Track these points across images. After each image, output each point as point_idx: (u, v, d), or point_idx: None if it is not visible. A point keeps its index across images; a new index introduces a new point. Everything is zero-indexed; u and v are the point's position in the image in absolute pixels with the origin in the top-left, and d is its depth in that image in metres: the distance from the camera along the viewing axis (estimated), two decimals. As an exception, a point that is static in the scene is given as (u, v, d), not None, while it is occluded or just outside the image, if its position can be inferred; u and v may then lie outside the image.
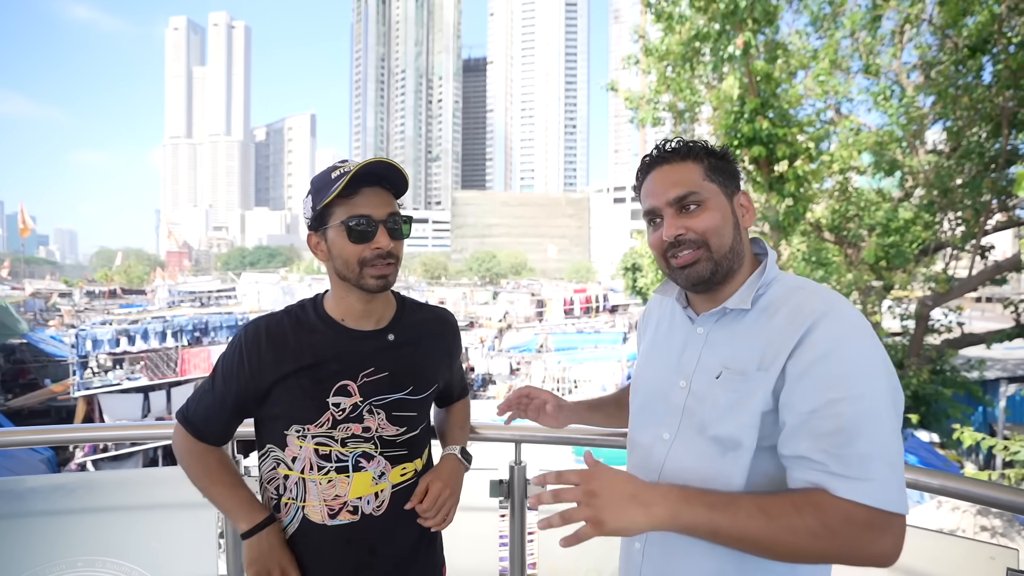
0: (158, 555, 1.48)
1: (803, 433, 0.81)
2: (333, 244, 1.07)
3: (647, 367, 1.07)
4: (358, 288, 1.08)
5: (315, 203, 1.06)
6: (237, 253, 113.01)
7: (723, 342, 0.94)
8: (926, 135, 8.95)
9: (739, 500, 0.80)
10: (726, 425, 0.88)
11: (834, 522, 0.75)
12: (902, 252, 8.63)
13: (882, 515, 0.76)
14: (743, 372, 0.88)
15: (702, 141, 0.99)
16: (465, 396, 1.37)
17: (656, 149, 0.99)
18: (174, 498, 1.50)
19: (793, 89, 8.07)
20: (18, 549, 1.41)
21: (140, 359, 16.33)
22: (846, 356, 0.81)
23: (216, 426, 1.13)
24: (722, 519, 0.78)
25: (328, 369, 1.08)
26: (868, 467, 0.76)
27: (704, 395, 0.92)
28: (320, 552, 1.10)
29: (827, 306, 0.85)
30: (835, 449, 0.77)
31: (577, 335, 23.83)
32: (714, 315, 0.96)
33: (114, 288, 42.79)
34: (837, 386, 0.79)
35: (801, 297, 0.89)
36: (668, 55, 8.80)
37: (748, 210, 0.98)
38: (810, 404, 0.80)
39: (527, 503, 0.85)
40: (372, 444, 1.11)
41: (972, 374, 10.70)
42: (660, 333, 1.07)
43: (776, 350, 0.86)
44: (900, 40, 8.51)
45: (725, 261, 0.93)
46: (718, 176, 0.95)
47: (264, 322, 1.11)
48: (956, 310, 10.23)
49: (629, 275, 33.84)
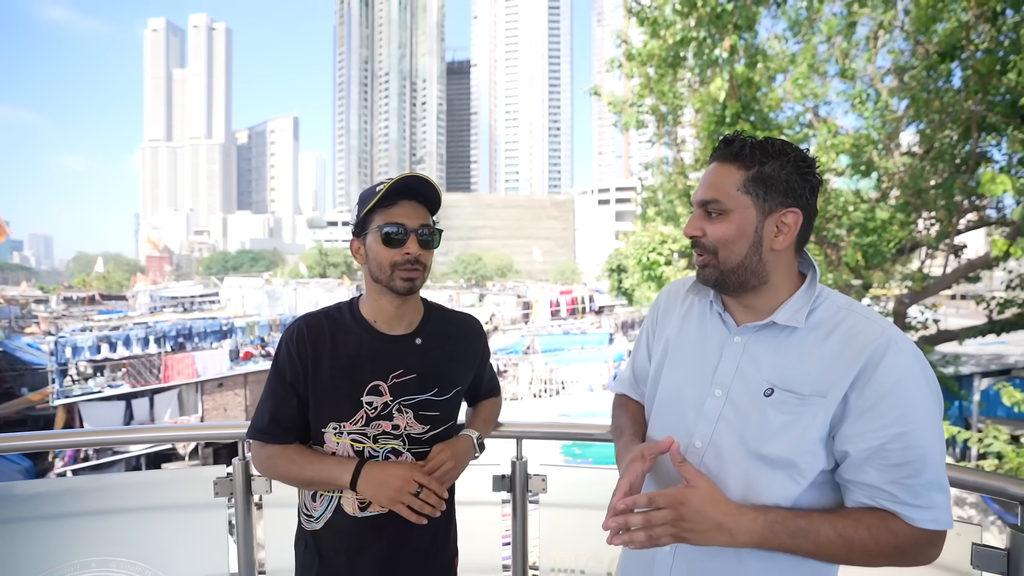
0: (169, 554, 1.51)
1: (871, 464, 0.85)
2: (370, 248, 1.18)
3: (674, 370, 1.03)
4: (389, 290, 1.18)
5: (359, 212, 1.18)
6: (219, 257, 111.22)
7: (766, 356, 0.92)
8: (900, 137, 9.22)
9: (819, 527, 0.84)
10: (779, 446, 0.88)
11: (905, 545, 0.85)
12: (880, 252, 8.87)
13: (939, 534, 0.87)
14: (799, 394, 0.88)
15: (772, 143, 0.92)
16: (493, 396, 1.44)
17: (722, 140, 0.96)
18: (184, 499, 1.53)
19: (773, 93, 8.27)
20: (31, 551, 1.43)
21: (122, 366, 16.02)
22: (910, 392, 0.84)
23: (288, 423, 1.19)
24: (804, 545, 0.84)
25: (362, 369, 1.17)
26: (931, 496, 0.84)
27: (749, 411, 0.91)
28: (351, 541, 1.18)
29: (885, 337, 0.86)
30: (904, 480, 0.84)
31: (563, 336, 23.96)
32: (755, 327, 0.94)
33: (93, 294, 41.86)
34: (903, 421, 0.84)
35: (855, 321, 0.89)
36: (651, 59, 8.95)
37: (788, 230, 0.91)
38: (878, 438, 0.84)
39: (603, 525, 0.86)
40: (400, 441, 1.19)
41: (947, 369, 11.03)
42: (688, 334, 1.03)
43: (834, 377, 0.86)
44: (874, 45, 8.76)
45: (732, 274, 0.92)
46: (759, 188, 0.90)
47: (304, 321, 1.21)
48: (932, 307, 10.53)
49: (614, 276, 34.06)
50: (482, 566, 1.58)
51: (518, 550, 1.57)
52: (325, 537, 1.19)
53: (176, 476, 1.57)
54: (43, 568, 1.43)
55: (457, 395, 1.27)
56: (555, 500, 1.59)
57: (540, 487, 1.58)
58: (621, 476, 0.93)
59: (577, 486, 1.61)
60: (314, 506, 1.20)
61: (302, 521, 1.23)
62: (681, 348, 1.02)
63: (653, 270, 12.74)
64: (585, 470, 1.59)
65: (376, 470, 1.13)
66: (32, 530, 1.44)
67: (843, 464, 0.87)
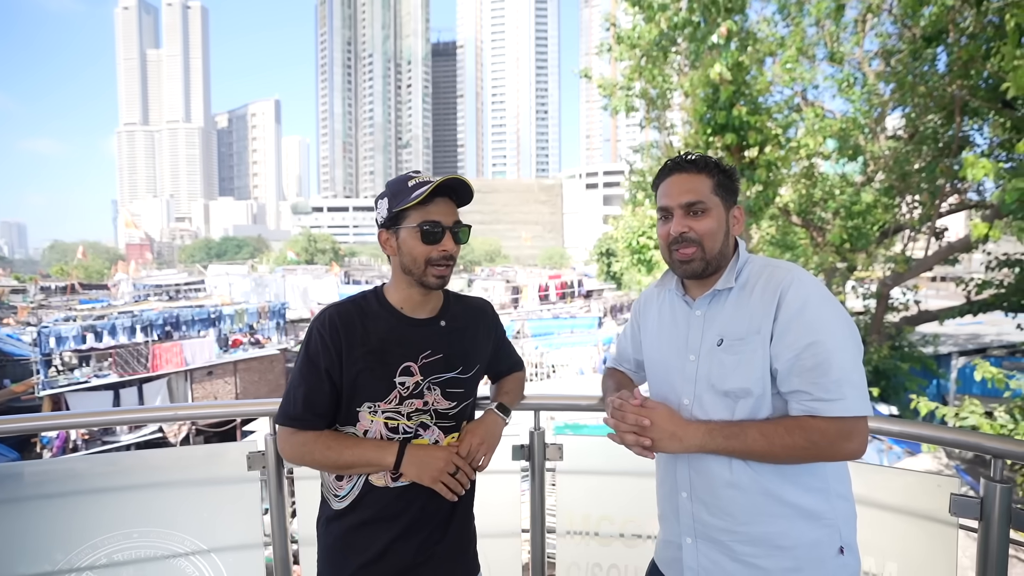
0: (206, 525, 1.58)
1: (792, 373, 1.08)
2: (404, 243, 1.24)
3: (659, 349, 1.29)
4: (418, 283, 1.26)
5: (392, 205, 1.24)
6: (202, 244, 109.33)
7: (716, 317, 1.18)
8: (886, 121, 9.37)
9: (747, 429, 1.10)
10: (734, 381, 1.13)
11: (816, 437, 1.06)
12: (864, 234, 9.08)
13: (849, 422, 1.06)
14: (740, 338, 1.13)
15: (715, 159, 1.23)
16: (515, 371, 1.51)
17: (679, 157, 1.23)
18: (219, 473, 1.60)
19: (762, 76, 8.33)
20: (78, 522, 1.50)
21: (108, 355, 15.84)
22: (811, 310, 1.08)
23: (321, 408, 1.23)
24: (736, 444, 1.10)
25: (393, 353, 1.25)
26: (842, 390, 1.05)
27: (710, 361, 1.16)
28: (380, 512, 1.26)
29: (790, 276, 1.12)
30: (816, 379, 1.05)
31: (553, 320, 24.10)
32: (706, 298, 1.20)
33: (73, 283, 41.01)
34: (809, 334, 1.07)
35: (769, 271, 1.16)
36: (641, 42, 8.94)
37: (739, 221, 1.23)
38: (794, 351, 1.07)
39: (604, 420, 1.22)
40: (429, 416, 1.28)
41: (927, 349, 11.38)
42: (664, 320, 1.30)
43: (761, 316, 1.12)
44: (862, 28, 8.85)
45: (714, 260, 1.18)
46: (722, 191, 1.20)
47: (334, 309, 1.27)
48: (913, 289, 10.83)
49: (603, 260, 34.20)
50: (503, 531, 1.68)
51: (536, 515, 1.66)
52: (354, 512, 1.26)
53: (211, 451, 1.63)
54: (91, 537, 1.49)
55: (478, 372, 1.36)
56: (570, 467, 1.69)
57: (556, 455, 1.67)
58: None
59: (590, 454, 1.71)
60: (340, 485, 1.26)
61: (329, 500, 1.30)
62: (662, 332, 1.29)
63: (643, 254, 12.85)
64: (598, 439, 1.68)
65: (419, 452, 1.23)
66: (79, 503, 1.52)
67: (777, 380, 1.10)
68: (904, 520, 1.47)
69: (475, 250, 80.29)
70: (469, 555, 1.37)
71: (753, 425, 1.09)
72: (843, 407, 1.04)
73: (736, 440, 1.09)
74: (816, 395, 1.05)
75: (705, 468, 1.16)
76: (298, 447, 1.23)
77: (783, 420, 1.09)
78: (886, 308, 10.01)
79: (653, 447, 1.12)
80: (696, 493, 1.17)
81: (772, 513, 1.11)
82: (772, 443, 1.06)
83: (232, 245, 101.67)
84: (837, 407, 1.04)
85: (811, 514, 1.11)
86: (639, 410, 1.14)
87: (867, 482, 1.47)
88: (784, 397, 1.10)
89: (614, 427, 1.16)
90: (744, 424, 1.10)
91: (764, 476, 1.11)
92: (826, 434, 1.05)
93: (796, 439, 1.05)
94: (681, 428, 1.12)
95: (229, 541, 1.58)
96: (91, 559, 1.46)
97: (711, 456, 1.14)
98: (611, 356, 1.51)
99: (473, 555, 1.39)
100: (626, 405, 1.15)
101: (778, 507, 1.11)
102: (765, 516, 1.11)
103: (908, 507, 1.47)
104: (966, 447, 1.38)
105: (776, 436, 1.06)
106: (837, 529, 1.12)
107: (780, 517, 1.11)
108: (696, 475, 1.17)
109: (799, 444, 1.05)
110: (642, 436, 1.12)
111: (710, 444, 1.11)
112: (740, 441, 1.08)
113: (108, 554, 1.48)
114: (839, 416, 1.04)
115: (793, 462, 1.09)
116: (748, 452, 1.09)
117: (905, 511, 1.48)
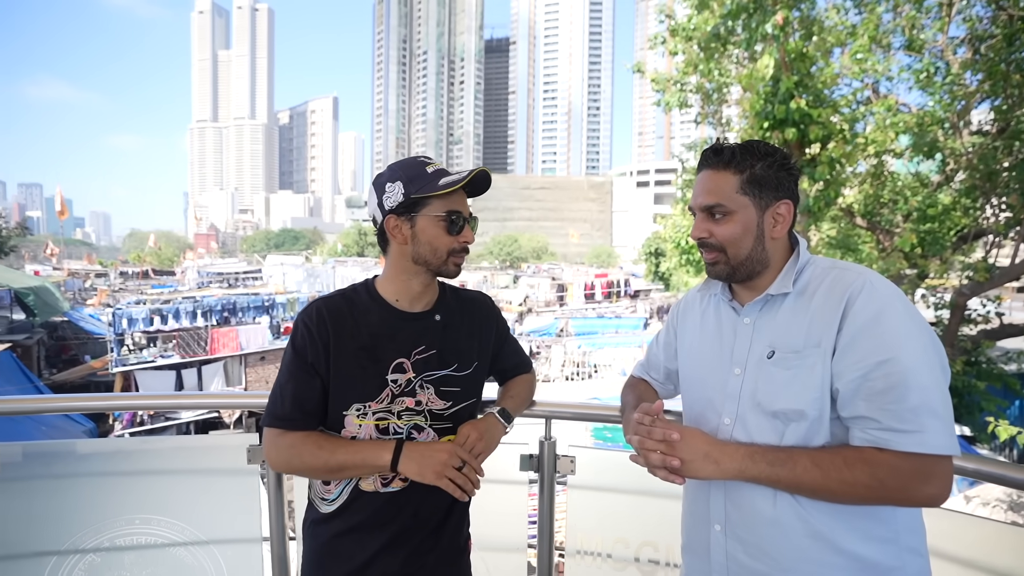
0: (206, 516, 1.56)
1: (859, 396, 0.90)
2: (423, 231, 1.15)
3: (698, 360, 1.13)
4: (436, 273, 1.19)
5: (409, 191, 1.14)
6: (262, 235, 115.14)
7: (768, 326, 1.02)
8: (971, 115, 8.53)
9: (796, 457, 0.92)
10: (786, 400, 0.96)
11: (882, 474, 0.87)
12: (938, 239, 8.32)
13: (929, 460, 0.86)
14: (796, 350, 0.96)
15: (756, 146, 1.03)
16: (523, 372, 1.40)
17: (709, 148, 1.07)
18: (221, 463, 1.58)
19: (829, 68, 7.76)
20: (83, 505, 1.52)
21: (172, 337, 16.90)
22: (886, 322, 0.90)
23: (310, 406, 1.14)
24: (782, 473, 0.92)
25: (385, 348, 1.16)
26: (921, 420, 0.86)
27: (758, 376, 1.00)
28: (369, 518, 1.18)
29: (861, 280, 0.94)
30: (889, 406, 0.87)
31: (598, 320, 23.77)
32: (757, 304, 1.04)
33: (146, 269, 44.18)
34: (882, 350, 0.89)
35: (835, 275, 0.98)
36: (696, 34, 8.54)
37: (783, 220, 1.04)
38: (861, 369, 0.90)
39: (627, 438, 1.03)
40: (423, 417, 1.18)
41: (1010, 366, 10.34)
42: (707, 328, 1.13)
43: (823, 326, 0.94)
44: (948, 13, 8.07)
45: (742, 267, 1.03)
46: (754, 188, 1.01)
47: (322, 302, 1.19)
48: (995, 300, 9.85)
49: (651, 260, 33.36)
50: (508, 545, 1.58)
51: (544, 530, 1.55)
52: (341, 517, 1.18)
53: (213, 442, 1.62)
54: (94, 521, 1.51)
55: (477, 371, 1.25)
56: (583, 482, 1.57)
57: (568, 468, 1.55)
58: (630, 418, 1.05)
59: (606, 470, 1.57)
60: (328, 489, 1.19)
61: (316, 503, 1.22)
62: (704, 342, 1.13)
63: (692, 254, 12.37)
64: (615, 453, 1.54)
65: (419, 447, 1.13)
66: (87, 486, 1.53)
67: (838, 402, 0.93)
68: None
69: (522, 247, 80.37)
70: (461, 566, 1.28)
71: (805, 453, 0.92)
72: (922, 441, 0.85)
73: (783, 468, 0.91)
74: (887, 424, 0.87)
75: (744, 500, 0.99)
76: (285, 450, 1.13)
77: (842, 450, 0.91)
78: (961, 319, 9.16)
79: (683, 470, 0.95)
80: (732, 528, 1.00)
81: (822, 562, 0.93)
82: (828, 476, 0.89)
83: (290, 237, 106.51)
84: (914, 441, 0.85)
85: (873, 568, 0.91)
86: (667, 424, 0.97)
87: (936, 532, 1.25)
88: (845, 423, 0.93)
89: (638, 445, 0.98)
90: (794, 451, 0.93)
91: (815, 515, 0.93)
92: (898, 472, 0.86)
93: (858, 475, 0.87)
94: (717, 449, 0.95)
95: (227, 534, 1.56)
96: (95, 542, 1.47)
97: (752, 486, 0.96)
98: (638, 363, 1.33)
99: (465, 566, 1.29)
100: (653, 419, 0.99)
101: (831, 555, 0.92)
102: (814, 564, 0.93)
103: (988, 565, 1.23)
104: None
105: (833, 468, 0.89)
106: None
107: (832, 568, 0.92)
108: (733, 507, 1.01)
109: (861, 481, 0.87)
110: (670, 457, 0.95)
111: (751, 470, 0.93)
112: (788, 469, 0.91)
113: (111, 538, 1.49)
114: (916, 452, 0.85)
115: (852, 502, 0.91)
116: (797, 484, 0.91)
117: (984, 569, 1.24)
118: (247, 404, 1.56)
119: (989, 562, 1.24)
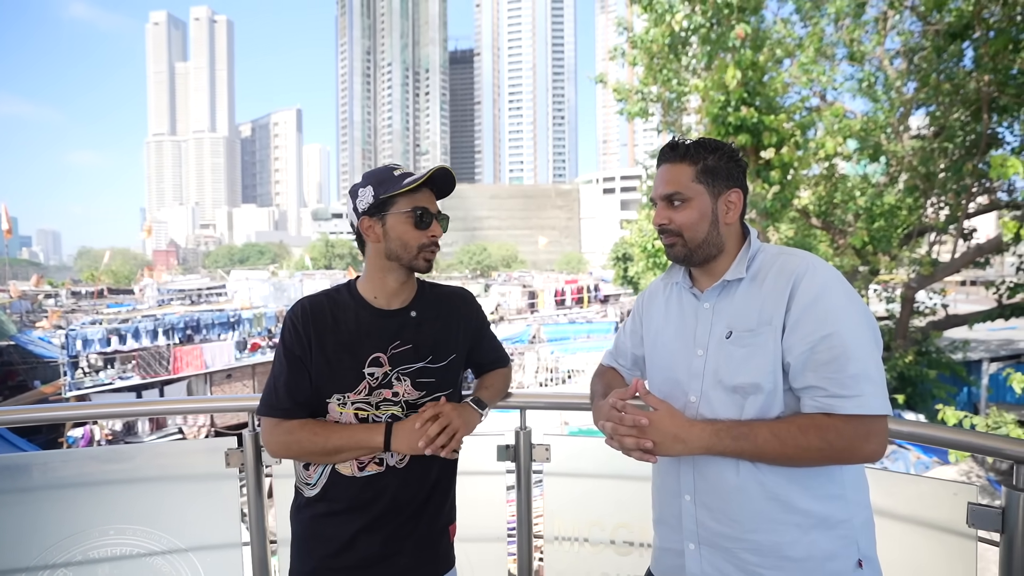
0: (184, 523, 1.55)
1: (808, 367, 1.00)
2: (393, 228, 1.24)
3: (664, 344, 1.22)
4: (407, 268, 1.27)
5: (378, 192, 1.24)
6: (225, 251, 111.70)
7: (726, 309, 1.12)
8: (910, 120, 9.09)
9: (757, 429, 1.02)
10: (743, 375, 1.05)
11: (831, 436, 0.98)
12: (887, 237, 8.79)
13: (868, 420, 0.98)
14: (750, 329, 1.06)
15: (707, 142, 1.15)
16: (499, 366, 1.46)
17: (666, 145, 1.18)
18: (197, 469, 1.57)
19: (779, 77, 8.16)
20: (52, 518, 1.47)
21: (131, 358, 16.21)
22: (827, 301, 1.01)
23: (303, 397, 1.23)
24: (745, 446, 1.02)
25: (363, 344, 1.25)
26: (860, 386, 0.97)
27: (718, 355, 1.09)
28: (348, 501, 1.24)
29: (804, 264, 1.06)
30: (832, 375, 0.98)
31: (569, 325, 23.93)
32: (715, 289, 1.14)
33: (101, 288, 42.20)
34: (826, 325, 0.99)
35: (783, 260, 1.09)
36: (654, 45, 8.84)
37: (734, 206, 1.15)
38: (808, 343, 1.00)
39: (596, 424, 1.13)
40: (399, 407, 1.26)
41: (956, 355, 10.95)
42: (671, 314, 1.23)
43: (773, 306, 1.05)
44: (884, 27, 8.61)
45: (699, 250, 1.13)
46: (707, 178, 1.13)
47: (307, 300, 1.28)
48: (940, 293, 10.44)
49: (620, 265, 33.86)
50: (487, 535, 1.61)
51: (523, 519, 1.60)
52: (322, 501, 1.25)
53: (189, 447, 1.61)
54: (66, 533, 1.47)
55: (453, 362, 1.32)
56: (558, 469, 1.63)
57: (544, 456, 1.61)
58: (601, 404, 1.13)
59: (580, 456, 1.64)
60: (308, 474, 1.26)
61: (301, 489, 1.29)
62: (668, 327, 1.22)
63: (659, 258, 12.68)
64: (588, 440, 1.60)
65: (405, 424, 1.22)
66: (56, 498, 1.50)
67: (790, 375, 1.03)
68: (918, 532, 1.36)
69: (492, 255, 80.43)
70: (441, 549, 1.32)
71: (764, 425, 1.02)
72: (861, 404, 0.97)
73: (745, 441, 1.01)
74: (832, 391, 0.98)
75: (711, 471, 1.08)
76: (284, 436, 1.22)
77: (796, 419, 1.01)
78: (911, 312, 9.67)
79: (655, 450, 1.03)
80: (700, 497, 1.09)
81: (782, 521, 1.03)
82: (785, 444, 0.99)
83: (254, 251, 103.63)
84: (855, 404, 0.96)
85: (827, 522, 1.02)
86: (636, 411, 1.05)
87: (878, 489, 1.36)
88: (796, 394, 1.03)
89: (611, 431, 1.06)
90: (754, 424, 1.02)
91: (773, 480, 1.03)
92: (843, 434, 0.97)
93: (811, 439, 0.98)
94: (684, 429, 1.04)
95: (206, 540, 1.55)
96: (67, 556, 1.43)
97: (717, 458, 1.06)
98: (607, 351, 1.43)
99: (446, 549, 1.34)
100: (624, 404, 1.07)
101: (789, 514, 1.02)
102: (774, 524, 1.03)
103: (923, 517, 1.36)
104: (985, 451, 1.27)
105: (789, 436, 0.98)
106: (855, 540, 1.03)
107: (791, 525, 1.02)
108: (700, 478, 1.09)
109: (814, 445, 0.97)
110: (643, 439, 1.03)
111: (717, 446, 1.02)
112: (750, 442, 1.00)
113: (84, 551, 1.45)
114: (857, 414, 0.97)
115: (807, 465, 1.01)
116: (759, 454, 1.01)
117: (920, 521, 1.36)
118: (248, 406, 1.56)
119: (919, 514, 1.37)
